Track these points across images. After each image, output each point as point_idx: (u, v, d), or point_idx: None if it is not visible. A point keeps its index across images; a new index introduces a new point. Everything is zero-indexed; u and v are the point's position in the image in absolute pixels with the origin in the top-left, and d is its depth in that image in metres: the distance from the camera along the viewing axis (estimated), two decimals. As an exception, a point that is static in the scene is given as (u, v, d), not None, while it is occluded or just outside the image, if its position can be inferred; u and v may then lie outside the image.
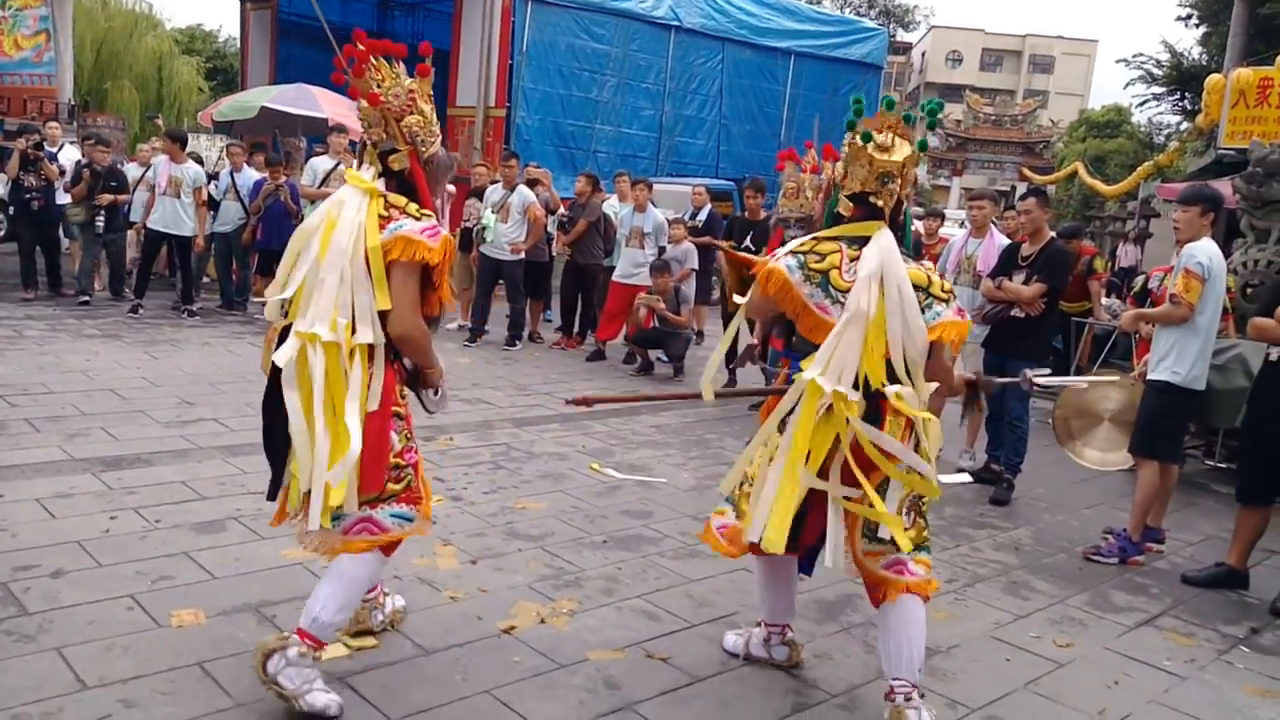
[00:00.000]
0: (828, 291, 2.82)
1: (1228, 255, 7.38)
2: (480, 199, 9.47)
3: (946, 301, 2.87)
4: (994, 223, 6.66)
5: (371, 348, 2.77)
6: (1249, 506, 4.54)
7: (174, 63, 24.28)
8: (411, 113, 2.86)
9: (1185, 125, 19.63)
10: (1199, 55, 22.26)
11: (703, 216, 9.87)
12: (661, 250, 8.97)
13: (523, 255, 9.13)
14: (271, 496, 2.95)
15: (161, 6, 48.95)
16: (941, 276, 3.00)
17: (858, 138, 2.90)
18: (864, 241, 2.85)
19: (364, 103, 2.84)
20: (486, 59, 13.75)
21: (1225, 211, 8.86)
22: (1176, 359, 4.65)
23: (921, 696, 2.93)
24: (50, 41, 14.86)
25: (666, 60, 15.70)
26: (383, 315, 2.76)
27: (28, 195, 9.44)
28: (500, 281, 9.33)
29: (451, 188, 10.98)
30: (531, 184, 9.73)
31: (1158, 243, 15.69)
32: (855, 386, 2.74)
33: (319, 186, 9.46)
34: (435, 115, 2.97)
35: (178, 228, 9.28)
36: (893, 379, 2.78)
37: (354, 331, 2.73)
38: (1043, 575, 4.49)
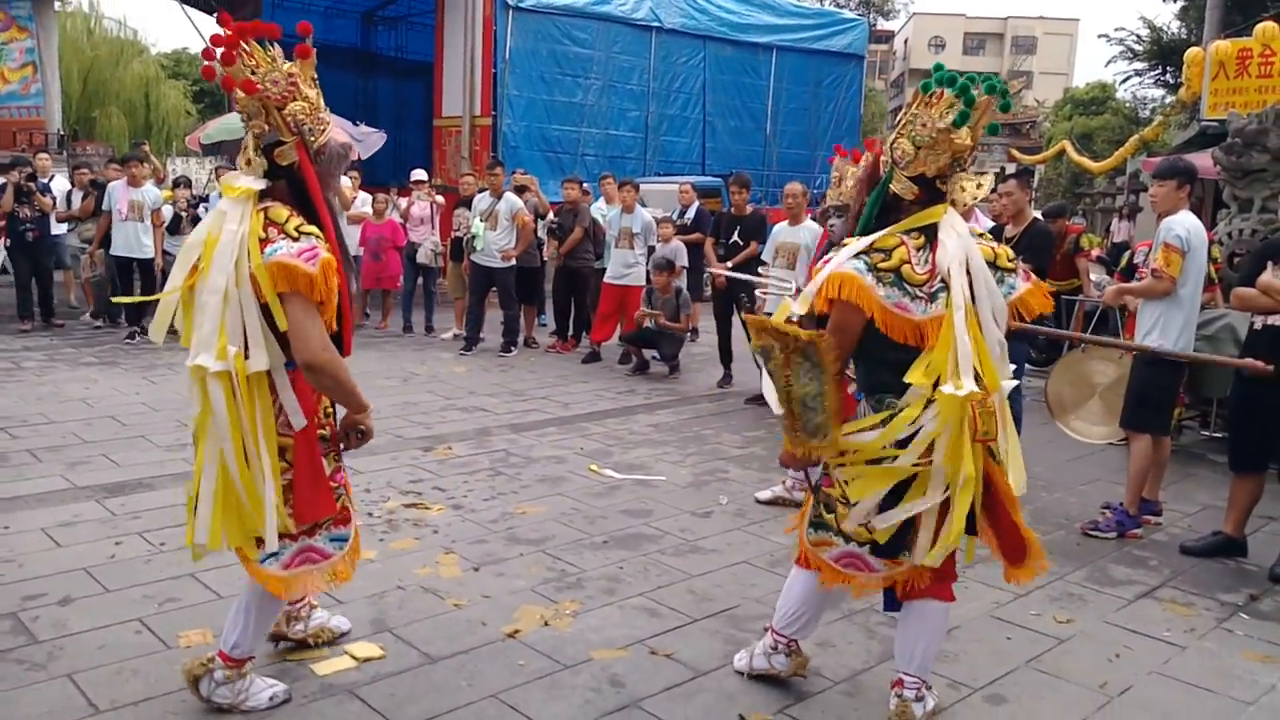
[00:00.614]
0: (903, 289, 2.62)
1: (1213, 226, 7.44)
2: (468, 208, 9.52)
3: (1015, 271, 2.76)
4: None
5: (270, 373, 2.63)
6: (1242, 474, 4.57)
7: (161, 87, 24.32)
8: (294, 99, 2.63)
9: (1168, 99, 19.68)
10: (1178, 29, 22.34)
11: (691, 214, 9.92)
12: (651, 250, 9.02)
13: (514, 262, 9.17)
14: None
15: (146, 32, 48.98)
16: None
17: (950, 120, 2.64)
18: (924, 229, 2.69)
19: (240, 93, 2.59)
20: (470, 69, 13.79)
21: (1211, 183, 8.94)
22: (1162, 332, 4.68)
23: (928, 688, 2.97)
24: (37, 73, 14.95)
25: (649, 61, 15.74)
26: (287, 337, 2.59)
27: (22, 227, 9.50)
28: (493, 289, 9.37)
29: (440, 198, 11.04)
30: (519, 191, 9.78)
31: (1148, 216, 15.73)
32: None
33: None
34: (322, 101, 2.74)
35: (141, 251, 9.30)
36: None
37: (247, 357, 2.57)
38: (1041, 553, 4.52)
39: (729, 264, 8.08)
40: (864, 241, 2.72)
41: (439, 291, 11.07)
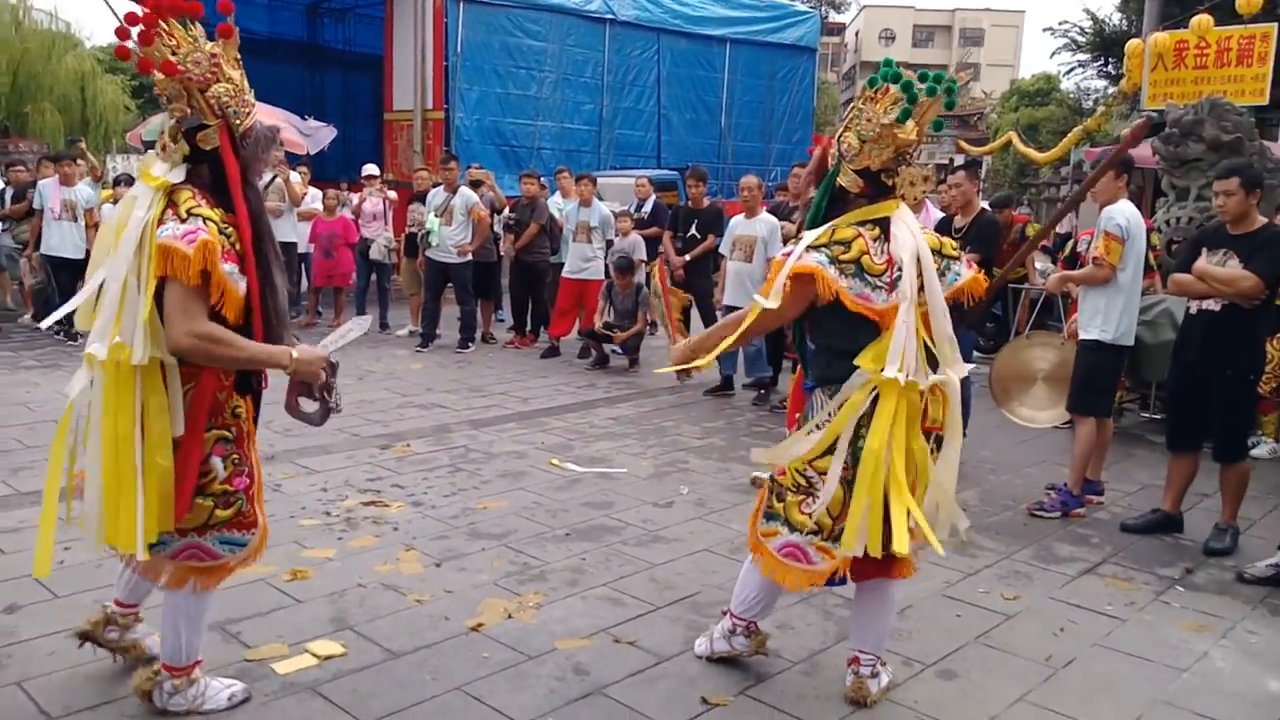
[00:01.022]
0: (864, 279, 2.71)
1: (1152, 214, 7.66)
2: (423, 203, 9.46)
3: (958, 258, 2.85)
4: (929, 197, 6.84)
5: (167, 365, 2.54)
6: (1178, 454, 4.74)
7: (98, 82, 23.59)
8: (218, 80, 2.53)
9: (1111, 90, 20.14)
10: (1119, 21, 22.86)
11: (648, 208, 9.96)
12: (609, 244, 9.05)
13: (470, 257, 9.14)
14: None
15: (81, 25, 47.18)
16: None
17: (894, 116, 2.72)
18: (878, 221, 2.77)
19: (159, 75, 2.48)
20: (421, 62, 13.65)
21: (1151, 172, 9.18)
22: (1104, 318, 4.83)
23: (883, 664, 3.07)
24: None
25: (603, 54, 15.70)
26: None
27: None
28: (449, 285, 9.33)
29: (393, 193, 10.95)
30: (474, 185, 9.74)
31: (1091, 206, 16.08)
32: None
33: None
34: (246, 83, 2.64)
35: (77, 251, 9.02)
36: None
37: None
38: (989, 533, 4.65)
39: (687, 257, 8.16)
40: (818, 233, 2.80)
41: (393, 288, 10.97)
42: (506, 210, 9.94)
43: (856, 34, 55.48)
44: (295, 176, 9.77)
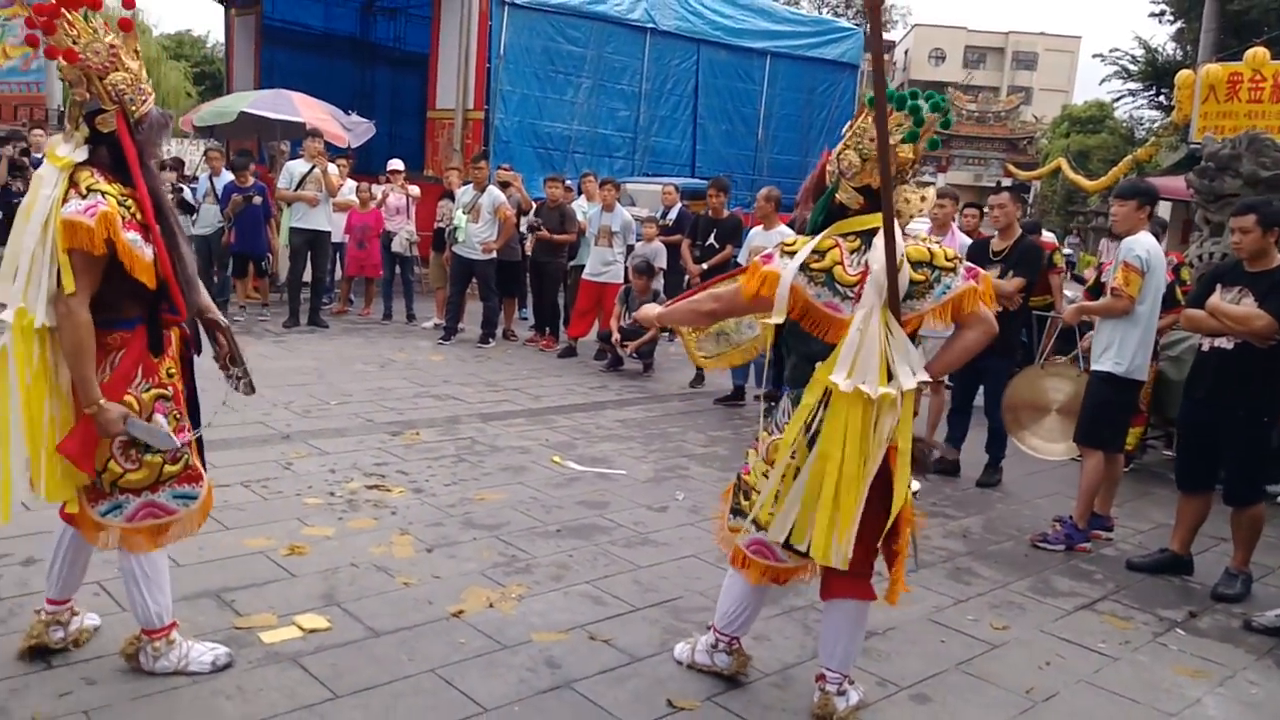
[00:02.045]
0: (835, 289, 2.74)
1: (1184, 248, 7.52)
2: (452, 200, 9.61)
3: (954, 270, 2.78)
4: (954, 221, 6.82)
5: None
6: (1188, 494, 4.59)
7: (162, 68, 24.37)
8: (116, 69, 2.73)
9: (1166, 120, 19.80)
10: (1173, 51, 22.49)
11: (673, 215, 9.99)
12: (630, 249, 9.10)
13: (494, 254, 9.26)
14: None
15: (149, 13, 48.46)
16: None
17: (897, 138, 2.76)
18: (862, 234, 2.78)
19: (63, 61, 2.68)
20: (464, 62, 13.85)
21: (1188, 205, 9.01)
22: (1119, 350, 4.73)
23: (851, 683, 3.05)
24: (38, 50, 14.92)
25: (642, 62, 15.78)
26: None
27: (15, 200, 9.57)
28: (473, 280, 9.45)
29: (415, 188, 11.12)
30: (503, 186, 9.86)
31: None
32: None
33: (295, 189, 9.55)
34: (146, 72, 2.86)
35: None
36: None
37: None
38: (988, 562, 4.58)
39: (704, 265, 8.18)
40: (794, 240, 2.88)
41: (418, 280, 11.13)
42: (531, 212, 10.04)
43: (906, 52, 55.00)
44: (333, 168, 9.96)
